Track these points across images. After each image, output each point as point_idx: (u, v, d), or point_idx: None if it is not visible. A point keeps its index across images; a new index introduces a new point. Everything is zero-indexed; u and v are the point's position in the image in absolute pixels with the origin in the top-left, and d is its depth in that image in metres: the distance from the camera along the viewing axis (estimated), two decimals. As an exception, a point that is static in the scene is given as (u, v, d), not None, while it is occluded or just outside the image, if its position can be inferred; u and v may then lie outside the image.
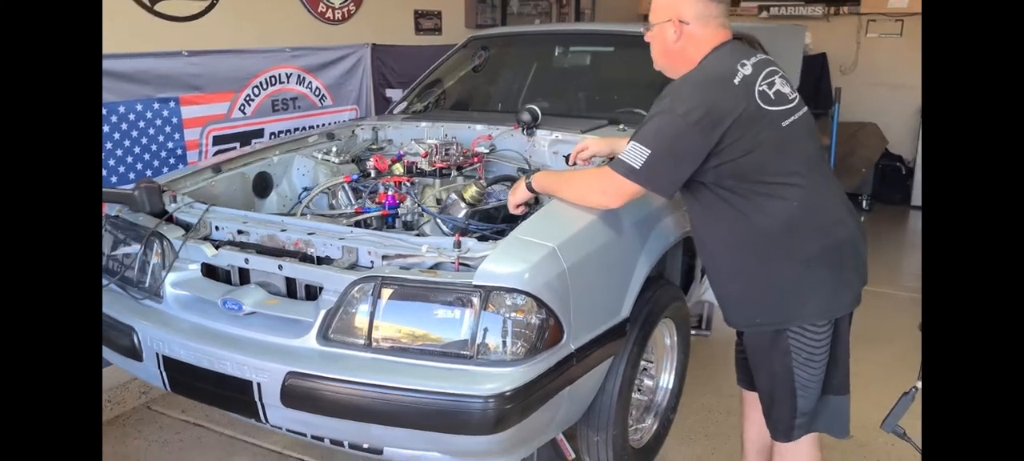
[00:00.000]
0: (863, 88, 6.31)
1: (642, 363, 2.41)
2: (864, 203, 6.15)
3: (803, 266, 1.80)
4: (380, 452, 1.95)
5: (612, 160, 1.86)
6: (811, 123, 1.90)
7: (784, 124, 1.79)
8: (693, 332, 3.07)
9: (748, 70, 1.79)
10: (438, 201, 2.43)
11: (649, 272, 2.15)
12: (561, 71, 3.70)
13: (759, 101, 1.77)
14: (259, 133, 3.52)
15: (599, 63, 3.59)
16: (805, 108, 1.89)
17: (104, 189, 2.45)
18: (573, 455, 2.38)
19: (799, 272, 1.81)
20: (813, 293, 1.81)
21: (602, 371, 2.07)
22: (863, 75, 6.45)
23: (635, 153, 1.78)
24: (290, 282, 2.04)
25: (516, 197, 2.14)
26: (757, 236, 1.81)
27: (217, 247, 2.08)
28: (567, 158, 2.52)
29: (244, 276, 2.11)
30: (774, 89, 1.82)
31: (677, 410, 2.65)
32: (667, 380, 2.59)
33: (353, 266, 1.94)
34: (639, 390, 2.46)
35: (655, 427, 2.55)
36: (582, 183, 1.98)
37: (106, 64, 2.85)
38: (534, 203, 2.16)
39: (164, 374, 2.02)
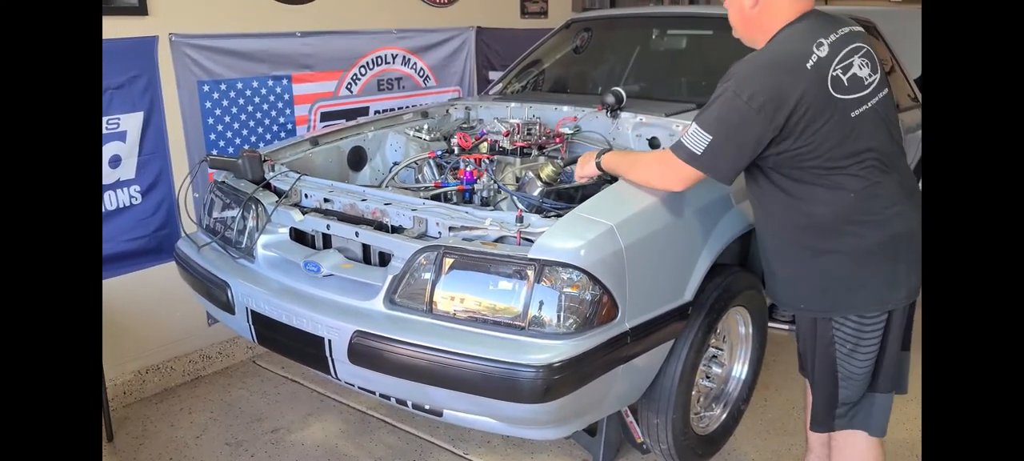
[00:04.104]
0: None
1: (711, 350, 2.38)
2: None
3: (854, 258, 1.75)
4: (440, 414, 2.05)
5: (674, 144, 1.85)
6: (887, 108, 1.79)
7: (854, 114, 1.71)
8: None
9: (824, 51, 1.70)
10: (517, 179, 2.49)
11: (717, 258, 2.12)
12: (662, 54, 3.66)
13: (831, 88, 1.68)
14: (364, 111, 3.70)
15: (701, 47, 3.52)
16: (884, 90, 1.79)
17: (212, 156, 2.68)
18: (642, 438, 2.38)
19: (849, 264, 1.75)
20: (862, 286, 1.76)
21: (661, 353, 2.07)
22: None
23: (697, 138, 1.76)
24: (366, 248, 2.16)
25: (583, 169, 2.16)
26: (811, 224, 1.77)
27: (304, 213, 2.24)
28: (651, 141, 2.51)
29: (327, 241, 2.25)
30: (850, 74, 1.72)
31: (749, 401, 2.60)
32: (740, 370, 2.54)
33: (422, 236, 2.04)
34: (707, 377, 2.43)
35: (723, 417, 2.51)
36: (644, 167, 1.97)
37: (228, 43, 3.10)
38: (610, 180, 2.16)
39: (252, 327, 2.20)
